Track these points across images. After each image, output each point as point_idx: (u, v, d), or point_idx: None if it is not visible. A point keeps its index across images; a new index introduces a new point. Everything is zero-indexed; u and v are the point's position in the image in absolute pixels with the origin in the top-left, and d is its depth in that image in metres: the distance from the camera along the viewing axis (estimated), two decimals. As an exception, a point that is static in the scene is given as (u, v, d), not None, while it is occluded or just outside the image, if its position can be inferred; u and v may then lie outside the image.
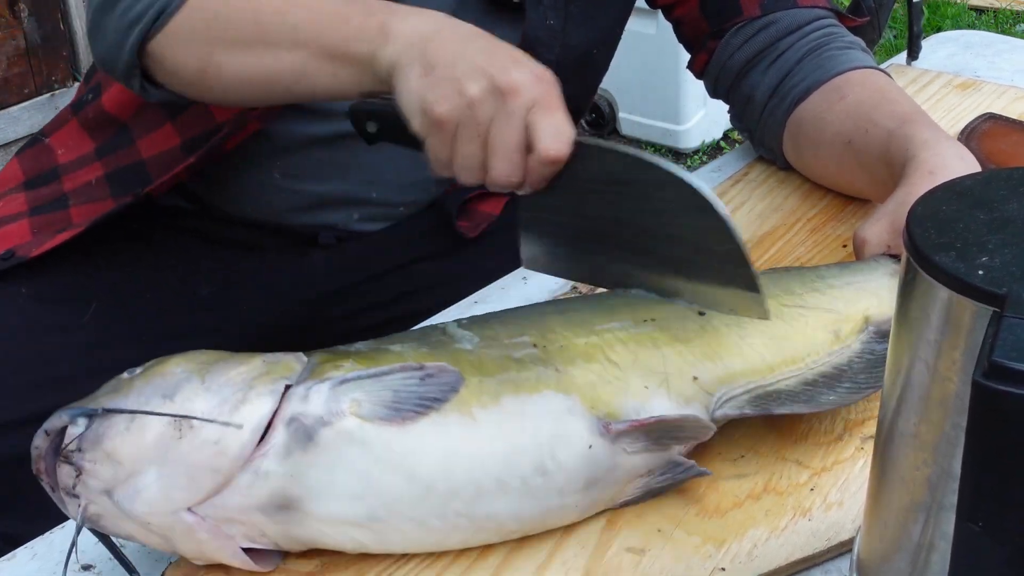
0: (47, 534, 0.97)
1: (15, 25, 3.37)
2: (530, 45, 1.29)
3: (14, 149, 3.30)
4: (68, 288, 1.32)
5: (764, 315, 0.95)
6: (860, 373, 0.99)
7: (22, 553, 0.96)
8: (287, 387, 0.87)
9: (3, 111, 3.39)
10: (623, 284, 1.01)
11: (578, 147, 0.93)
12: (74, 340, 1.31)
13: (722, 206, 0.92)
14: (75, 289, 1.33)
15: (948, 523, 0.68)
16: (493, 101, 0.90)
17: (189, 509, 0.85)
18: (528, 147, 0.92)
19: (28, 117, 3.43)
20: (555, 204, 0.97)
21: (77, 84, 3.36)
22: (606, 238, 0.99)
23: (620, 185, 0.95)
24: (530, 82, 0.90)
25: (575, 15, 1.31)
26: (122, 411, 0.85)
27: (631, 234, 0.98)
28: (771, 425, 1.01)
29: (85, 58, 3.50)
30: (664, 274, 0.99)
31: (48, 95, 3.48)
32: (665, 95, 3.60)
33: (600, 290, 1.21)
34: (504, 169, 0.92)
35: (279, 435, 0.86)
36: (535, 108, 0.89)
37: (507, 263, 1.28)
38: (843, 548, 0.91)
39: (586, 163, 0.93)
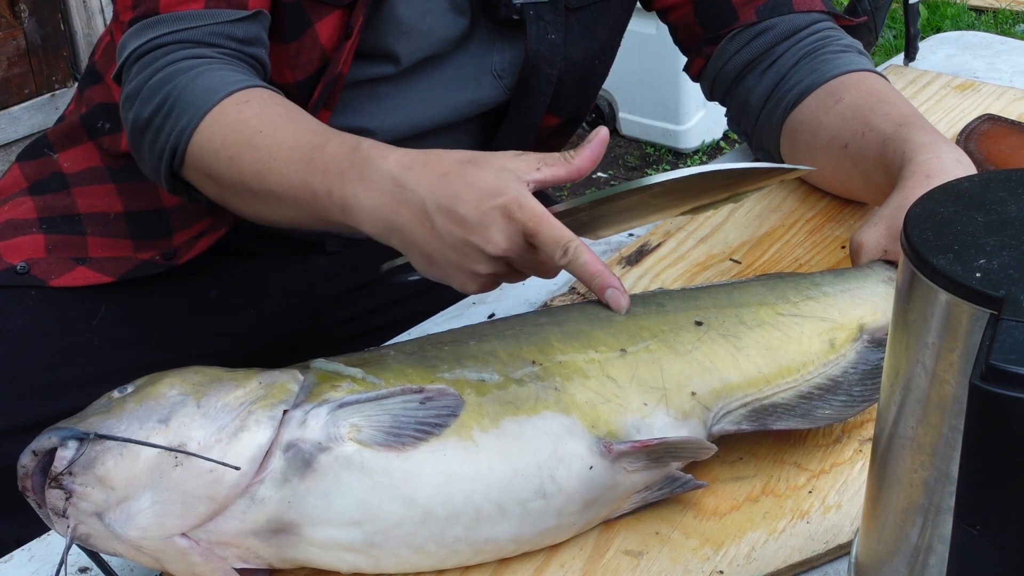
0: (44, 536, 0.97)
1: (15, 25, 3.37)
2: (532, 60, 1.29)
3: (15, 149, 3.30)
4: (77, 291, 1.33)
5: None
6: (855, 385, 0.99)
7: (19, 555, 0.96)
8: (284, 412, 0.86)
9: (3, 111, 3.39)
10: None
11: (572, 211, 1.00)
12: (83, 343, 1.31)
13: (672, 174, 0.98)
14: (84, 292, 1.33)
15: (946, 526, 0.68)
16: (504, 264, 0.98)
17: (183, 534, 0.84)
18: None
19: (28, 117, 3.43)
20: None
21: (77, 84, 3.35)
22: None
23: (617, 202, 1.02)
24: (510, 231, 0.96)
25: (576, 29, 1.31)
26: (115, 438, 0.83)
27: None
28: (770, 429, 1.01)
29: (85, 58, 3.50)
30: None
31: (48, 95, 3.48)
32: (665, 95, 3.60)
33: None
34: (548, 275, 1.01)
35: (276, 461, 0.85)
36: (532, 236, 0.95)
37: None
38: (841, 551, 0.91)
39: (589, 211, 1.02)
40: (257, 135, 1.07)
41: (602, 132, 1.00)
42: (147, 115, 1.14)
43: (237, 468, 0.83)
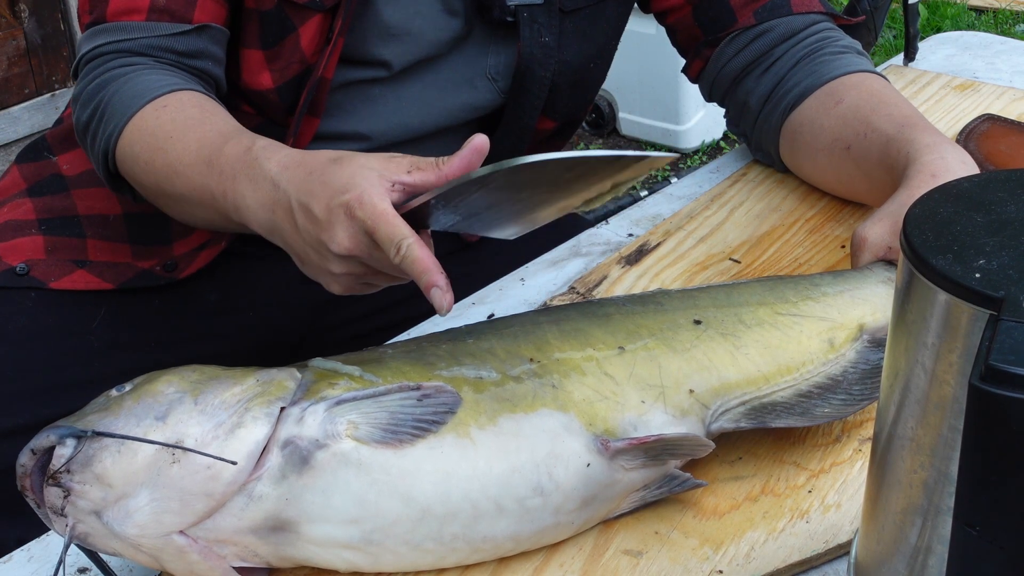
0: (43, 536, 0.97)
1: (15, 25, 3.37)
2: (526, 63, 1.29)
3: (15, 149, 3.30)
4: (77, 293, 1.33)
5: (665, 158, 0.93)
6: (855, 384, 0.99)
7: (19, 555, 0.96)
8: (281, 409, 0.86)
9: (3, 111, 3.39)
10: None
11: (427, 206, 0.95)
12: (83, 345, 1.32)
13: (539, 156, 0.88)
14: (84, 295, 1.33)
15: (945, 526, 0.68)
16: (357, 264, 0.97)
17: (181, 532, 0.84)
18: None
19: (28, 117, 3.43)
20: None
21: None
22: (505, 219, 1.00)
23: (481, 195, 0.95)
24: (353, 229, 0.94)
25: (569, 32, 1.31)
26: (112, 435, 0.83)
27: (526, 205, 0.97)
28: (769, 427, 1.01)
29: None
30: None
31: (48, 95, 3.48)
32: (665, 95, 3.60)
33: (596, 294, 1.21)
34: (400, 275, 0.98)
35: (274, 458, 0.85)
36: (371, 234, 0.93)
37: (505, 265, 1.28)
38: (841, 551, 0.91)
39: (447, 203, 0.95)
40: (168, 140, 1.10)
41: (476, 140, 0.94)
42: (85, 119, 1.18)
43: (234, 463, 0.83)
